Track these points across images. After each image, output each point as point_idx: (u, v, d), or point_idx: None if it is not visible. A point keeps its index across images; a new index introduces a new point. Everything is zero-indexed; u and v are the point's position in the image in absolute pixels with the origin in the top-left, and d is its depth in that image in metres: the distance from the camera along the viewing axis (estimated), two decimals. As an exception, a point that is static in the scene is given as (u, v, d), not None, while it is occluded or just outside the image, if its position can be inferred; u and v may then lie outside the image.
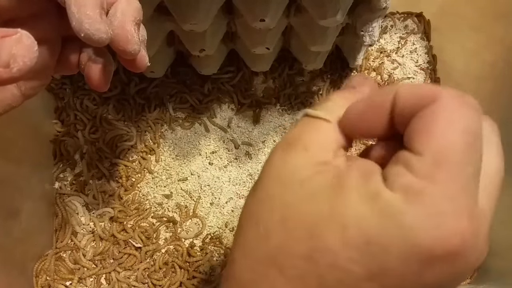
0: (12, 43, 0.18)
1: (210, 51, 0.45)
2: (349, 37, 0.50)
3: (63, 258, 0.48)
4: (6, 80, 0.18)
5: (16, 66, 0.18)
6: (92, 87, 0.27)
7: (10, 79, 0.18)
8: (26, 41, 0.19)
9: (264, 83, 0.57)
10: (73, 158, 0.52)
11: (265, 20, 0.39)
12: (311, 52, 0.48)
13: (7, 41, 0.18)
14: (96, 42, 0.21)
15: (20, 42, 0.18)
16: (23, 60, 0.18)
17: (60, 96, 0.54)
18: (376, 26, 0.44)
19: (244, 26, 0.44)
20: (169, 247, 0.49)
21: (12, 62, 0.18)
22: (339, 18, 0.39)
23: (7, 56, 0.18)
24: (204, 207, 0.51)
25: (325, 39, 0.45)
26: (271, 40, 0.45)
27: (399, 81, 0.58)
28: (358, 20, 0.44)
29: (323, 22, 0.40)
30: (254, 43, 0.45)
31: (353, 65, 0.55)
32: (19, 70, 0.18)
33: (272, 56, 0.52)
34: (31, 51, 0.19)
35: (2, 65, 0.18)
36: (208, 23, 0.40)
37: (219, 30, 0.45)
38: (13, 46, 0.18)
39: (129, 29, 0.23)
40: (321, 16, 0.39)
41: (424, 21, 0.61)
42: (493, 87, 0.49)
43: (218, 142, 0.54)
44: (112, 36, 0.22)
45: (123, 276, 0.48)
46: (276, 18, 0.40)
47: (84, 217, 0.50)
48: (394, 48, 0.60)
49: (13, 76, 0.18)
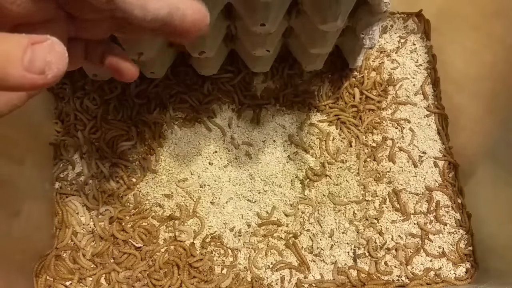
0: (46, 50, 0.19)
1: (210, 53, 0.45)
2: (349, 39, 0.50)
3: (63, 258, 0.48)
4: (40, 86, 0.19)
5: (50, 73, 0.19)
6: (127, 79, 0.28)
7: (44, 85, 0.19)
8: (58, 48, 0.19)
9: (264, 83, 0.57)
10: (73, 158, 0.52)
11: (266, 25, 0.39)
12: (311, 54, 0.48)
13: (39, 48, 0.19)
14: (162, 20, 0.23)
15: (53, 49, 0.19)
16: (58, 67, 0.19)
17: (60, 96, 0.54)
18: (376, 30, 0.44)
19: (244, 29, 0.44)
20: (169, 247, 0.49)
21: (47, 69, 0.19)
22: (339, 23, 0.39)
23: (42, 64, 0.19)
24: (204, 207, 0.51)
25: (325, 42, 0.45)
26: (271, 42, 0.45)
27: (399, 81, 0.58)
28: (359, 23, 0.44)
29: (323, 27, 0.40)
30: (254, 46, 0.45)
31: (353, 66, 0.55)
32: (54, 76, 0.19)
33: (272, 57, 0.52)
34: (63, 58, 0.19)
35: (37, 72, 0.19)
36: (208, 26, 0.40)
37: (219, 33, 0.45)
38: (47, 54, 0.19)
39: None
40: (321, 21, 0.39)
41: (424, 21, 0.61)
42: (493, 86, 0.49)
43: (218, 142, 0.54)
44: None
45: (123, 276, 0.48)
46: (276, 22, 0.40)
47: (84, 217, 0.50)
48: (394, 48, 0.60)
49: (47, 82, 0.19)
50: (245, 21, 0.40)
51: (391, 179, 0.54)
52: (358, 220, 0.51)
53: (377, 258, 0.50)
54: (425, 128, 0.56)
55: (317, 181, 0.53)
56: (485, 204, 0.51)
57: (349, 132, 0.55)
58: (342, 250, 0.50)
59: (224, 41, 0.49)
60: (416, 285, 0.49)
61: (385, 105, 0.57)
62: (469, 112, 0.53)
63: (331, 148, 0.54)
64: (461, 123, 0.55)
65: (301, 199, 0.52)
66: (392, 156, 0.54)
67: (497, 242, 0.48)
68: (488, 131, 0.50)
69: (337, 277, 0.49)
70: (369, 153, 0.54)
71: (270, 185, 0.52)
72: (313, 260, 0.50)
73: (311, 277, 0.49)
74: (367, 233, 0.51)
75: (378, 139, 0.55)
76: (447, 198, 0.53)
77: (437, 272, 0.50)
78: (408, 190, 0.53)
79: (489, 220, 0.50)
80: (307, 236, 0.51)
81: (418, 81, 0.59)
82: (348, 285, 0.49)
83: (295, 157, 0.54)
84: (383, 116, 0.56)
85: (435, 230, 0.52)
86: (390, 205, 0.53)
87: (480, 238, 0.51)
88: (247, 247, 0.50)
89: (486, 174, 0.50)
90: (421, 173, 0.54)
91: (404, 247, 0.51)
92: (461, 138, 0.55)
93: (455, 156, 0.55)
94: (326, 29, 0.41)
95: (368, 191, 0.53)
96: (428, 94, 0.58)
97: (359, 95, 0.57)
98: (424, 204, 0.53)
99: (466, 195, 0.53)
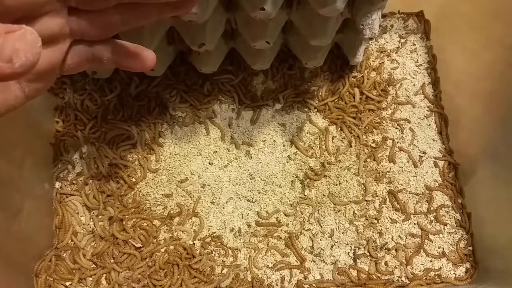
0: (16, 38, 0.18)
1: (210, 46, 0.45)
2: (349, 34, 0.50)
3: (63, 258, 0.48)
4: (8, 76, 0.18)
5: (18, 61, 0.18)
6: (149, 65, 0.29)
7: (12, 75, 0.18)
8: (30, 36, 0.18)
9: (264, 83, 0.57)
10: (73, 158, 0.52)
11: (265, 9, 0.38)
12: (311, 48, 0.48)
13: (10, 36, 0.18)
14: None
15: (23, 37, 0.18)
16: (26, 55, 0.18)
17: (61, 96, 0.54)
18: (376, 19, 0.44)
19: (244, 20, 0.44)
20: (169, 247, 0.49)
21: (15, 57, 0.18)
22: (339, 6, 0.39)
23: (10, 51, 0.18)
24: (204, 207, 0.51)
25: (325, 32, 0.44)
26: (272, 33, 0.45)
27: (399, 81, 0.58)
28: (358, 14, 0.44)
29: (323, 11, 0.40)
30: (254, 37, 0.45)
31: (353, 63, 0.55)
32: (22, 65, 0.18)
33: (272, 53, 0.51)
34: (34, 47, 0.18)
35: (4, 60, 0.18)
36: (208, 14, 0.40)
37: (219, 26, 0.45)
38: (16, 42, 0.18)
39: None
40: (321, 4, 0.39)
41: (424, 21, 0.61)
42: (493, 86, 0.49)
43: (218, 142, 0.54)
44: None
45: (123, 276, 0.48)
46: (276, 6, 0.40)
47: (84, 217, 0.50)
48: (394, 48, 0.60)
49: (15, 71, 0.18)
50: (245, 7, 0.40)
51: (391, 179, 0.54)
52: (358, 220, 0.51)
53: (377, 258, 0.50)
54: (425, 128, 0.56)
55: (317, 180, 0.53)
56: (485, 204, 0.51)
57: (349, 132, 0.55)
58: (342, 250, 0.50)
59: (224, 38, 0.49)
60: (416, 285, 0.49)
61: (385, 105, 0.57)
62: (469, 112, 0.53)
63: (331, 148, 0.54)
64: (461, 123, 0.55)
65: (301, 199, 0.52)
66: (392, 156, 0.54)
67: (497, 242, 0.48)
68: (488, 131, 0.50)
69: (337, 277, 0.49)
70: (369, 153, 0.54)
71: (270, 185, 0.52)
72: (313, 260, 0.50)
73: (311, 277, 0.49)
74: (367, 233, 0.51)
75: (378, 139, 0.55)
76: (447, 198, 0.53)
77: (437, 272, 0.50)
78: (408, 190, 0.53)
79: (489, 220, 0.50)
80: (307, 236, 0.51)
81: (418, 81, 0.59)
82: (348, 285, 0.49)
83: (295, 157, 0.54)
84: (383, 116, 0.56)
85: (435, 230, 0.52)
86: (390, 205, 0.53)
87: (480, 238, 0.51)
88: (247, 247, 0.50)
89: (486, 174, 0.50)
90: (421, 173, 0.54)
91: (404, 247, 0.51)
92: (461, 138, 0.55)
93: (455, 156, 0.55)
94: (326, 14, 0.41)
95: (368, 191, 0.53)
96: (428, 94, 0.58)
97: (359, 95, 0.57)
98: (424, 204, 0.53)
99: (466, 195, 0.53)
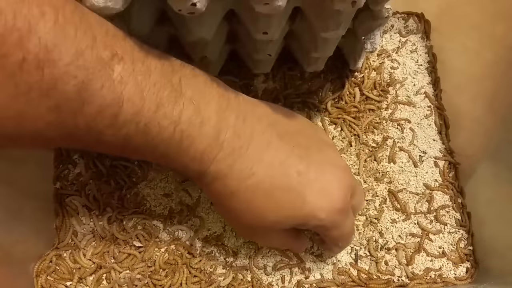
0: None
1: (212, 58, 0.45)
2: (350, 40, 0.50)
3: (64, 258, 0.48)
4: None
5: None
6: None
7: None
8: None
9: (265, 83, 0.57)
10: (74, 158, 0.52)
11: (268, 33, 0.39)
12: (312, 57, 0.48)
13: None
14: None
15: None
16: None
17: (60, 96, 0.54)
18: (377, 34, 0.45)
19: (246, 36, 0.44)
20: (169, 247, 0.49)
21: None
22: (341, 32, 0.40)
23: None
24: (205, 207, 0.51)
25: (326, 47, 0.45)
26: (273, 48, 0.46)
27: (400, 81, 0.58)
28: (360, 27, 0.44)
29: (324, 35, 0.41)
30: (255, 51, 0.45)
31: (353, 67, 0.55)
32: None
33: (273, 59, 0.52)
34: None
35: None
36: (212, 34, 0.40)
37: (221, 37, 0.45)
38: None
39: None
40: (323, 29, 0.39)
41: (424, 20, 0.61)
42: (493, 86, 0.49)
43: (218, 142, 0.54)
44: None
45: (123, 276, 0.48)
46: (278, 30, 0.41)
47: (85, 217, 0.50)
48: (394, 48, 0.60)
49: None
50: (248, 28, 0.40)
51: (392, 178, 0.54)
52: (358, 220, 0.51)
53: (377, 258, 0.50)
54: (426, 128, 0.56)
55: (318, 181, 0.53)
56: (485, 204, 0.51)
57: (349, 131, 0.55)
58: (343, 250, 0.50)
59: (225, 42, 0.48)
60: (416, 285, 0.49)
61: (385, 105, 0.57)
62: (469, 111, 0.53)
63: (331, 148, 0.54)
64: (461, 123, 0.55)
65: (302, 199, 0.52)
66: (393, 156, 0.54)
67: (497, 242, 0.48)
68: (489, 131, 0.50)
69: (337, 277, 0.49)
70: (369, 153, 0.54)
71: (271, 185, 0.52)
72: (313, 261, 0.50)
73: (311, 277, 0.49)
74: (368, 233, 0.51)
75: (379, 139, 0.55)
76: (448, 198, 0.53)
77: (437, 272, 0.50)
78: (408, 189, 0.53)
79: (489, 220, 0.50)
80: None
81: (419, 81, 0.59)
82: (348, 284, 0.49)
83: (296, 157, 0.54)
84: (383, 116, 0.56)
85: (435, 230, 0.52)
86: (391, 204, 0.53)
87: (481, 238, 0.51)
88: (247, 247, 0.50)
89: (487, 174, 0.50)
90: (421, 173, 0.54)
91: (404, 246, 0.51)
92: (461, 138, 0.55)
93: (455, 156, 0.55)
94: (328, 37, 0.41)
95: (368, 191, 0.53)
96: (429, 94, 0.58)
97: (359, 95, 0.57)
98: (424, 203, 0.53)
99: (466, 195, 0.53)
